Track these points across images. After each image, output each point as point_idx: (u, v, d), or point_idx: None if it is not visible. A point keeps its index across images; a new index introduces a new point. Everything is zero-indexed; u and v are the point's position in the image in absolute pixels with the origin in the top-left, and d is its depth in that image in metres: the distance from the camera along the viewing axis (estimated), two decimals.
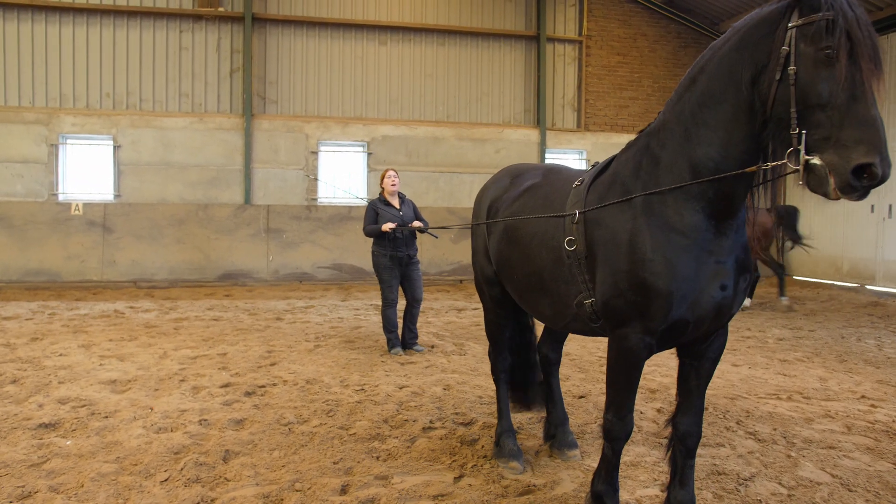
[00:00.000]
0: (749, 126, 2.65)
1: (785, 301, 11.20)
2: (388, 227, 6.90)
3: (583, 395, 5.54)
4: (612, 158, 3.25)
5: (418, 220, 7.27)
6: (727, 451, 4.29)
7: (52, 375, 5.88)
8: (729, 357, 7.27)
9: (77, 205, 13.06)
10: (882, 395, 5.78)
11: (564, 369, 6.51)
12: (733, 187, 2.72)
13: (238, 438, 4.33)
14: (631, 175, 2.98)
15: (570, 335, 4.71)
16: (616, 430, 3.04)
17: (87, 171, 13.63)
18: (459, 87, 14.98)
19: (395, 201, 7.28)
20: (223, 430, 4.52)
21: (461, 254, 14.13)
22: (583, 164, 15.34)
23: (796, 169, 2.43)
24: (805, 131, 2.40)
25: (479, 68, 15.08)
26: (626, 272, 2.83)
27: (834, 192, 2.35)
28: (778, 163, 2.55)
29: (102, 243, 13.05)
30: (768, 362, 7.06)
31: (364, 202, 12.67)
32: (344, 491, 3.56)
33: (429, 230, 7.06)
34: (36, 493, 3.49)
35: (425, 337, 8.09)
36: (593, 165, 3.38)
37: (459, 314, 10.31)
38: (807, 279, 15.19)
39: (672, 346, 3.00)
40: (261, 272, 13.50)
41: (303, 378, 5.95)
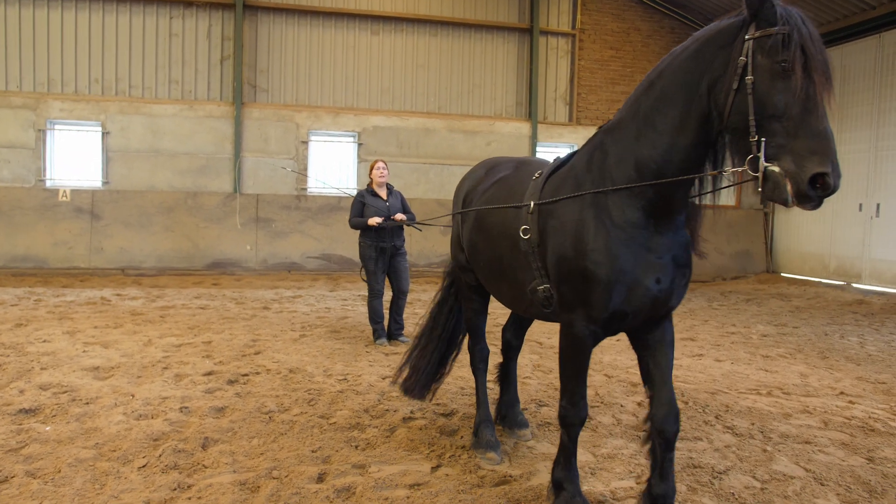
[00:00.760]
0: (697, 133, 2.75)
1: None
2: (373, 221, 6.94)
3: None
4: (574, 153, 3.38)
5: (406, 211, 7.31)
6: (704, 444, 4.33)
7: (34, 361, 5.86)
8: (712, 352, 7.33)
9: (65, 191, 12.97)
10: (861, 391, 5.85)
11: (548, 362, 6.55)
12: (673, 190, 2.85)
13: (218, 426, 4.34)
14: (583, 169, 3.12)
15: (535, 324, 4.83)
16: (570, 417, 3.17)
17: (75, 158, 13.52)
18: (451, 79, 14.94)
19: (382, 192, 7.31)
20: (203, 417, 4.53)
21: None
22: None
23: (755, 176, 2.51)
24: (764, 139, 2.49)
25: (471, 60, 15.04)
26: (571, 259, 2.99)
27: (792, 199, 2.44)
28: (738, 169, 2.63)
29: (90, 230, 12.97)
30: (751, 358, 7.12)
31: (340, 192, 12.69)
32: (321, 479, 3.58)
33: (412, 224, 7.10)
34: (12, 477, 3.49)
35: (411, 328, 8.10)
36: (555, 159, 3.52)
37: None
38: (794, 276, 15.30)
39: (615, 333, 3.13)
40: (249, 261, 13.47)
41: (286, 367, 5.95)
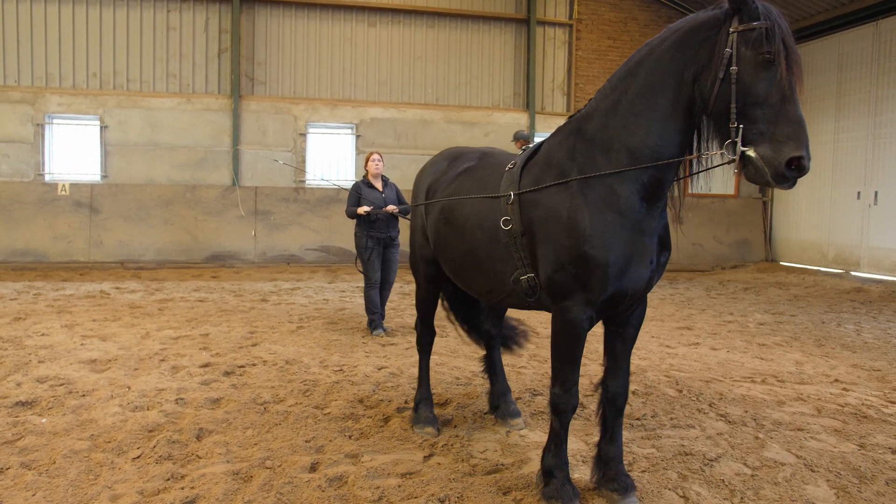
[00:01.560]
0: (684, 119, 2.93)
1: None
2: (363, 209, 7.09)
3: None
4: (542, 142, 3.44)
5: (400, 202, 7.37)
6: (696, 432, 4.36)
7: (32, 355, 5.89)
8: (709, 341, 7.35)
9: (64, 185, 12.98)
10: (855, 378, 5.87)
11: (543, 351, 6.57)
12: (665, 173, 3.01)
13: (213, 417, 4.37)
14: (566, 158, 3.17)
15: (531, 313, 4.82)
16: (562, 404, 3.21)
17: (73, 152, 13.53)
18: (449, 70, 14.90)
19: (378, 183, 7.40)
20: (199, 408, 4.56)
21: None
22: None
23: (733, 159, 2.73)
24: (742, 126, 2.68)
25: (468, 51, 14.99)
26: (568, 248, 3.02)
27: (770, 181, 2.66)
28: (717, 152, 2.84)
29: (89, 224, 13.00)
30: (747, 346, 7.13)
31: (330, 184, 12.70)
32: (313, 468, 3.61)
33: (404, 216, 7.21)
34: (7, 469, 3.52)
35: (409, 319, 8.14)
36: (523, 149, 3.58)
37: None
38: (793, 265, 15.30)
39: (607, 315, 3.25)
40: (248, 254, 13.49)
41: (283, 358, 5.98)
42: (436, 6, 14.65)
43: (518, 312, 5.61)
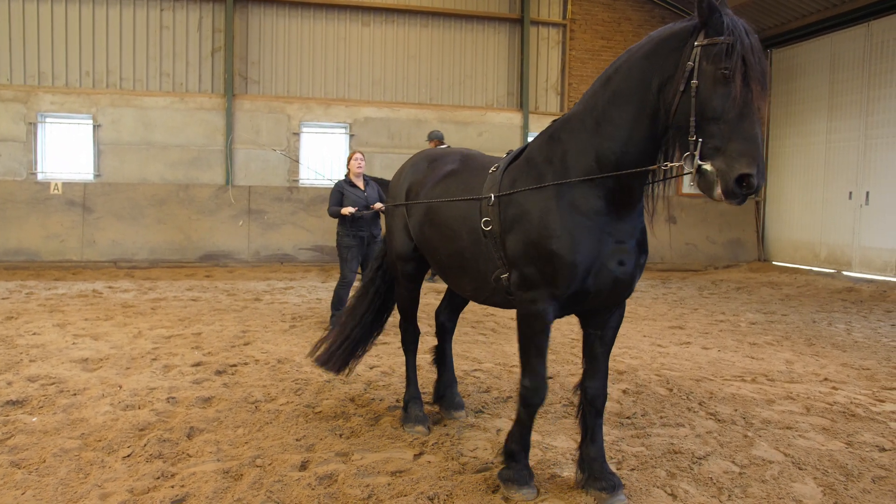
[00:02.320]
0: (650, 128, 2.97)
1: None
2: (347, 210, 7.17)
3: (550, 376, 5.61)
4: (526, 146, 3.53)
5: (383, 202, 7.44)
6: (686, 430, 4.39)
7: (23, 354, 5.88)
8: (700, 340, 7.38)
9: (56, 184, 12.93)
10: (844, 377, 5.91)
11: None
12: (632, 181, 3.06)
13: (204, 416, 4.38)
14: (544, 161, 3.28)
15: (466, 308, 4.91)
16: (531, 396, 3.29)
17: (66, 151, 13.47)
18: (442, 70, 14.91)
19: (360, 183, 7.52)
20: (190, 407, 4.56)
21: None
22: None
23: (690, 171, 2.77)
24: (701, 139, 2.72)
25: (462, 51, 15.00)
26: (537, 243, 3.15)
27: (719, 195, 2.69)
28: (675, 164, 2.89)
29: (82, 223, 12.96)
30: (738, 345, 7.17)
31: (326, 180, 12.73)
32: (303, 467, 3.62)
33: (384, 212, 7.25)
34: None
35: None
36: (508, 153, 3.66)
37: (439, 296, 10.36)
38: (785, 265, 15.37)
39: (573, 311, 3.36)
40: (242, 253, 13.47)
41: (275, 357, 5.99)
42: (429, 6, 14.66)
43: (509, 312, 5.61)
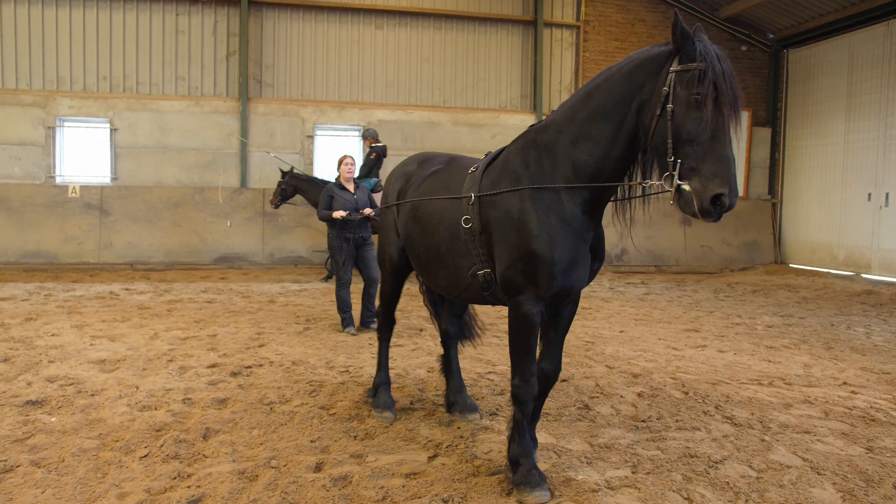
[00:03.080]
0: (627, 146, 3.16)
1: None
2: (338, 214, 7.27)
3: (565, 379, 5.59)
4: (503, 149, 3.72)
5: (372, 205, 7.61)
6: (702, 434, 4.35)
7: (42, 355, 5.95)
8: (716, 343, 7.32)
9: (74, 187, 13.09)
10: (864, 381, 5.83)
11: None
12: (603, 193, 3.29)
13: (220, 417, 4.40)
14: (521, 166, 3.46)
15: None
16: (523, 394, 3.44)
17: (84, 154, 13.64)
18: (456, 72, 14.92)
19: (350, 186, 7.61)
20: (206, 408, 4.59)
21: None
22: None
23: (669, 190, 2.95)
24: (679, 160, 2.89)
25: (475, 53, 15.01)
26: (518, 246, 3.32)
27: (695, 213, 2.87)
28: (656, 182, 3.06)
29: (99, 226, 13.10)
30: (754, 349, 7.10)
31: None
32: (318, 468, 3.63)
33: (376, 218, 7.40)
34: (18, 466, 3.56)
35: (415, 321, 8.16)
36: (486, 154, 3.84)
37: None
38: (802, 267, 15.20)
39: (555, 311, 3.56)
40: (256, 255, 13.55)
41: (289, 359, 6.01)
42: (443, 8, 14.68)
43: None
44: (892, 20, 12.92)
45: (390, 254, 4.47)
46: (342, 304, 7.46)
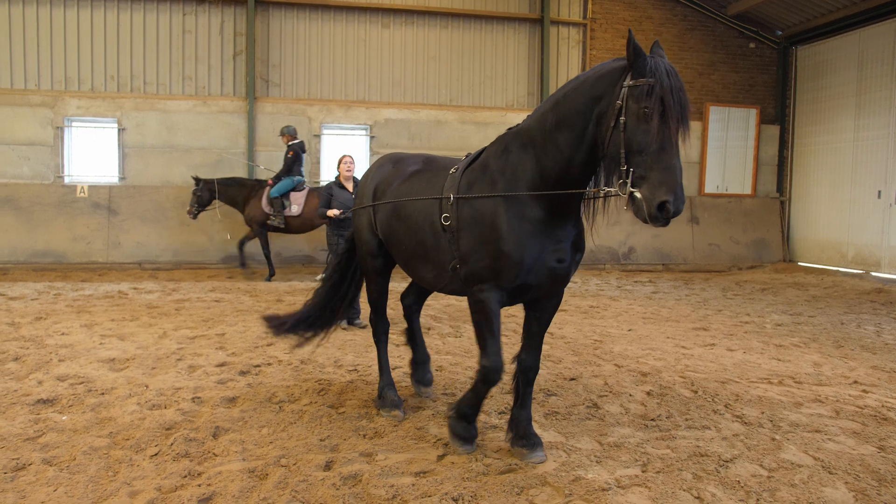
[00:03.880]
0: (587, 154, 3.39)
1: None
2: (332, 212, 7.54)
3: (574, 378, 5.58)
4: (483, 149, 3.96)
5: None
6: (712, 433, 4.33)
7: (52, 354, 5.98)
8: (725, 342, 7.29)
9: (82, 187, 13.16)
10: (875, 380, 5.79)
11: (557, 352, 6.56)
12: (568, 197, 3.52)
13: (229, 416, 4.41)
14: (497, 170, 3.72)
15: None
16: (490, 374, 3.71)
17: (92, 154, 13.70)
18: (462, 71, 14.90)
19: (349, 185, 7.78)
20: (215, 407, 4.60)
21: None
22: None
23: (624, 196, 3.20)
24: (632, 169, 3.11)
25: (482, 52, 14.98)
26: (487, 243, 3.60)
27: (645, 219, 3.08)
28: (611, 189, 3.31)
29: (107, 225, 13.16)
30: (764, 347, 7.06)
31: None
32: (328, 467, 3.63)
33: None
34: (30, 465, 3.59)
35: (423, 319, 8.14)
36: (466, 156, 4.09)
37: (460, 297, 10.35)
38: (811, 265, 15.12)
39: (520, 301, 3.82)
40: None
41: (297, 358, 6.02)
42: (449, 7, 14.67)
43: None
44: (880, 22, 12.81)
45: (369, 253, 4.61)
46: None
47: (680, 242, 15.40)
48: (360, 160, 14.54)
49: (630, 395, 5.11)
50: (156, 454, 3.76)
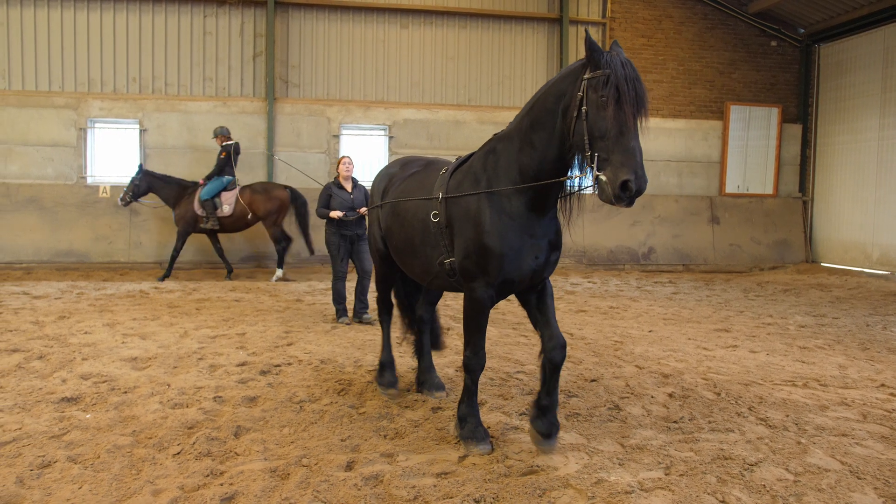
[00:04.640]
0: (560, 148, 3.63)
1: (280, 274, 11.79)
2: (335, 214, 7.64)
3: (595, 379, 5.54)
4: (472, 154, 4.22)
5: (368, 204, 7.68)
6: (736, 436, 4.27)
7: (76, 352, 6.06)
8: (747, 343, 7.19)
9: (105, 187, 13.32)
10: None
11: (578, 353, 6.51)
12: (547, 191, 3.77)
13: (250, 415, 4.44)
14: (481, 169, 4.01)
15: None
16: (473, 364, 3.99)
17: (114, 155, 13.88)
18: (481, 71, 14.87)
19: (348, 185, 7.88)
20: (236, 406, 4.63)
21: None
22: None
23: (591, 181, 3.41)
24: (596, 154, 3.34)
25: (500, 51, 14.94)
26: (473, 239, 3.86)
27: (610, 199, 3.27)
28: (579, 175, 3.58)
29: (129, 225, 13.32)
30: (787, 349, 6.96)
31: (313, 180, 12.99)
32: (349, 467, 3.63)
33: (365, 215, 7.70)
34: (55, 462, 3.63)
35: (442, 320, 8.13)
36: (457, 158, 4.37)
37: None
38: (835, 266, 14.88)
39: (506, 296, 4.01)
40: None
41: (317, 358, 6.04)
42: (468, 7, 14.65)
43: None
44: (887, 26, 12.57)
45: (377, 245, 5.05)
46: (337, 295, 7.94)
47: (700, 243, 15.23)
48: (379, 160, 14.58)
49: (652, 397, 5.06)
50: (178, 453, 3.79)
